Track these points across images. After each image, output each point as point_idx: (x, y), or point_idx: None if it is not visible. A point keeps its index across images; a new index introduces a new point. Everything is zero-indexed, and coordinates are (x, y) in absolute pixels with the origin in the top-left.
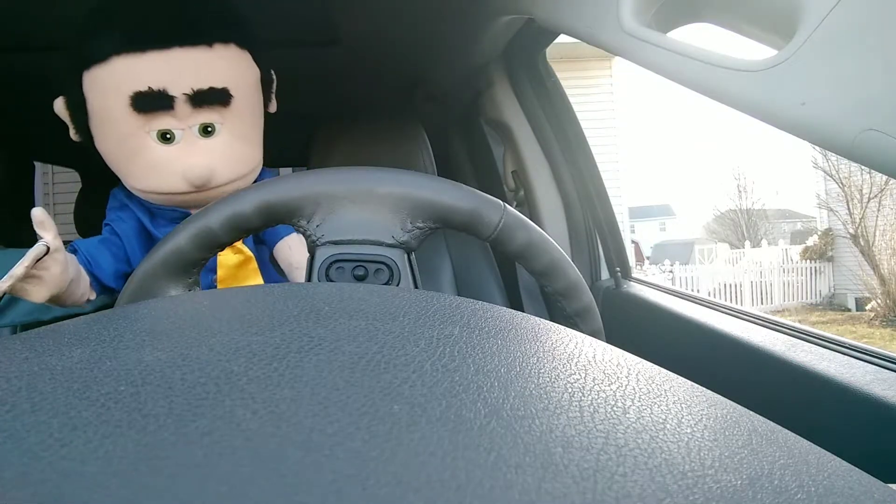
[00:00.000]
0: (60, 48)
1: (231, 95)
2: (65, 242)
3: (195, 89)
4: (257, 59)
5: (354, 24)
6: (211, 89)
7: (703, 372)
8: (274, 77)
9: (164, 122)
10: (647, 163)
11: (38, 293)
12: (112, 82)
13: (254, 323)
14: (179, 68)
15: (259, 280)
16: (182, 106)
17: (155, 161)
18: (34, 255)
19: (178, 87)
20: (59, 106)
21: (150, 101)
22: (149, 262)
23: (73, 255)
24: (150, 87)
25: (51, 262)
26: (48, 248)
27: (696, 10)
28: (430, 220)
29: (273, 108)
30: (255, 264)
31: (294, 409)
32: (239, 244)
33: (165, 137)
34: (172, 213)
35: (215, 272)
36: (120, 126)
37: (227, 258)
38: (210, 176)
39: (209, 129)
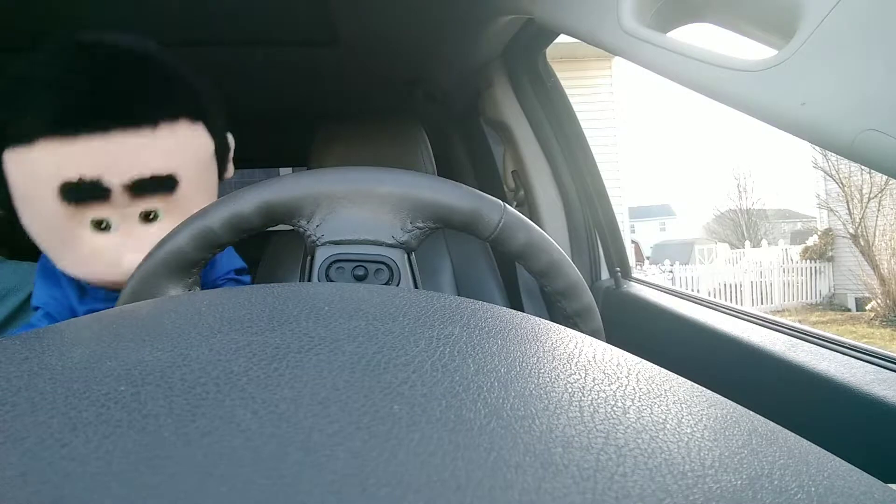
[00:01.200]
0: None
1: (177, 182)
2: None
3: (135, 179)
4: (213, 128)
5: (354, 24)
6: (153, 178)
7: (703, 372)
8: (231, 144)
9: (98, 211)
10: (647, 163)
11: None
12: (38, 168)
13: (254, 323)
14: (117, 154)
15: None
16: (119, 196)
17: (89, 252)
18: None
19: (115, 176)
20: None
21: (82, 193)
22: (149, 262)
23: None
24: (81, 178)
25: None
26: None
27: (696, 10)
28: (430, 220)
29: (230, 173)
30: None
31: (294, 409)
32: None
33: (100, 226)
34: (107, 293)
35: None
36: (47, 215)
37: None
38: None
39: (151, 215)
